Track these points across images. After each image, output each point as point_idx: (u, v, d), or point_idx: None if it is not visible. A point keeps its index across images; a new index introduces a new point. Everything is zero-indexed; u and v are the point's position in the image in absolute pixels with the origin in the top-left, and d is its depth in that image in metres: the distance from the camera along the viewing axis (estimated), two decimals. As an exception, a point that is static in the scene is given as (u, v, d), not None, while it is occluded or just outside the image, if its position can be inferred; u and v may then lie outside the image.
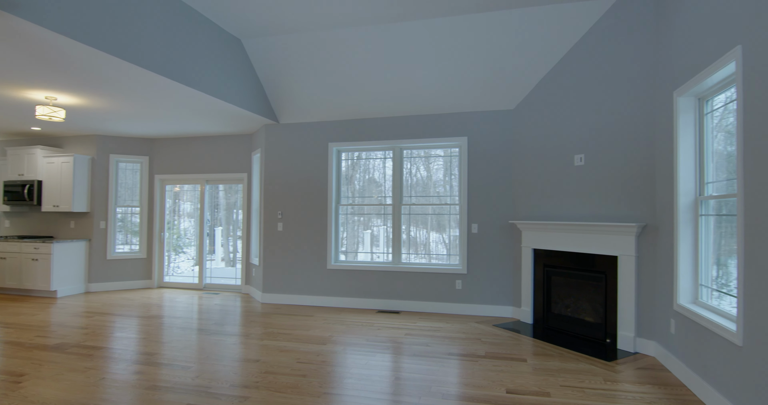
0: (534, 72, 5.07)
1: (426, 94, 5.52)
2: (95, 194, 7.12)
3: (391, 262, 5.91)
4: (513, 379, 3.40)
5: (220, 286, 7.25)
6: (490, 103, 5.51)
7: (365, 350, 4.10)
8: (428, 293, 5.68)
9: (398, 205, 5.92)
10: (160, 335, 4.58)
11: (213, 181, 7.35)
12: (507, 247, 5.43)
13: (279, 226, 6.27)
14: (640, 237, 4.08)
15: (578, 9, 4.48)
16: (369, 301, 5.88)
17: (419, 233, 5.98)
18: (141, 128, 6.69)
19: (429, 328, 4.90)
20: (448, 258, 5.81)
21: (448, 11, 4.61)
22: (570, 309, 4.74)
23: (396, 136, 5.90)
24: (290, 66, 5.49)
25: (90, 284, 7.04)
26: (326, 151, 6.14)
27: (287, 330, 4.80)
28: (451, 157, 5.86)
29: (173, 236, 7.64)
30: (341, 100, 5.81)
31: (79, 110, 5.56)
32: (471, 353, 4.02)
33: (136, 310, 5.72)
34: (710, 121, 3.42)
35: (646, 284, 4.02)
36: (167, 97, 4.88)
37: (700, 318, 3.06)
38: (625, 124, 4.24)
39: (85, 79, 4.34)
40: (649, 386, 3.27)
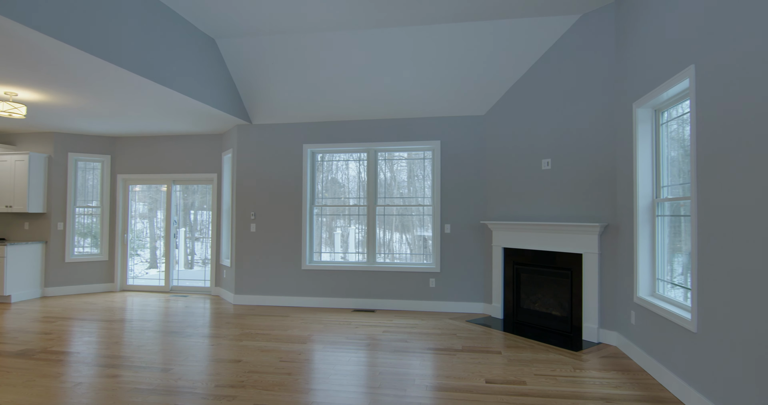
0: (504, 81, 5.34)
1: (401, 98, 5.68)
2: (52, 194, 6.78)
3: (366, 262, 6.01)
4: (490, 370, 3.60)
5: (188, 289, 7.09)
6: (462, 109, 5.73)
7: (346, 348, 4.18)
8: (403, 292, 5.83)
9: (373, 206, 6.03)
10: (132, 339, 4.47)
11: (180, 182, 7.18)
12: (478, 247, 5.67)
13: (252, 227, 6.23)
14: (603, 236, 4.40)
15: (545, 24, 4.76)
16: (344, 300, 5.95)
17: (394, 234, 6.11)
18: (103, 126, 6.45)
19: (405, 325, 5.04)
20: (422, 257, 5.98)
21: (424, 20, 4.78)
22: (538, 304, 5.02)
23: (371, 138, 6.02)
24: (265, 67, 5.49)
25: (47, 288, 6.70)
26: (301, 152, 6.17)
27: (265, 330, 4.80)
28: (424, 160, 6.04)
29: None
30: (316, 102, 5.86)
31: (41, 107, 5.31)
32: (448, 348, 4.19)
33: (102, 314, 5.52)
34: (665, 130, 3.76)
35: (608, 279, 4.34)
36: (139, 95, 4.77)
37: (658, 309, 3.37)
38: (588, 132, 4.56)
39: (53, 76, 4.18)
40: (614, 372, 3.55)
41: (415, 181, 6.09)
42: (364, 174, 6.15)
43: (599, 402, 3.00)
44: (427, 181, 6.00)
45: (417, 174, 6.10)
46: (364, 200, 6.10)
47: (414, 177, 6.11)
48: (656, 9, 3.49)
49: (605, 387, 3.26)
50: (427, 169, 6.01)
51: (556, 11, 4.63)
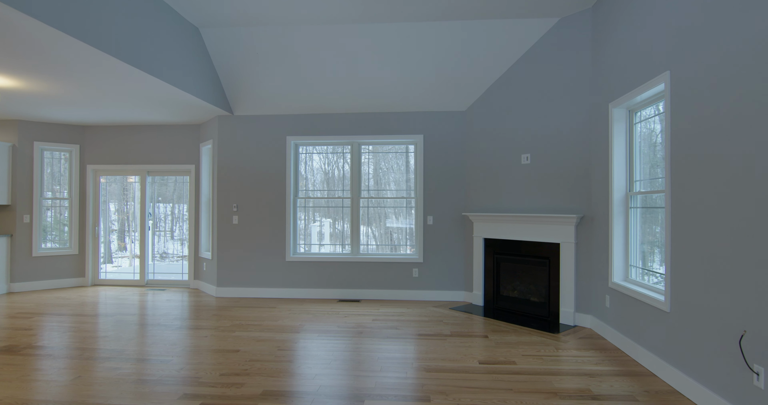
0: (484, 78, 5.56)
1: (385, 92, 5.80)
2: (17, 185, 6.46)
3: (350, 253, 6.14)
4: (481, 352, 3.84)
5: (165, 282, 6.96)
6: (444, 104, 5.93)
7: (340, 336, 4.31)
8: (387, 282, 6.00)
9: (357, 198, 6.15)
10: (119, 332, 4.41)
11: (155, 173, 7.01)
12: (460, 237, 5.91)
13: (234, 219, 6.20)
14: (578, 226, 4.73)
15: (525, 25, 5.01)
16: (329, 291, 6.06)
17: (377, 225, 6.26)
18: (73, 114, 6.19)
19: (392, 313, 5.22)
20: (405, 248, 6.17)
21: (410, 17, 4.91)
22: (517, 291, 5.33)
23: (355, 131, 6.11)
24: (249, 58, 5.46)
25: (13, 284, 6.40)
26: (284, 144, 6.18)
27: (256, 321, 4.85)
28: (407, 154, 6.21)
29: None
30: (301, 95, 5.89)
31: (10, 94, 5.06)
32: (438, 333, 4.40)
33: (79, 309, 5.37)
34: (638, 129, 4.10)
35: (583, 267, 4.68)
36: (121, 83, 4.64)
37: (632, 292, 3.71)
38: (565, 129, 4.86)
39: (31, 61, 4.01)
40: (592, 351, 3.88)
41: (399, 174, 6.25)
42: (347, 166, 6.25)
43: (583, 377, 3.29)
44: (410, 174, 6.18)
45: (400, 167, 6.26)
46: (348, 192, 6.20)
47: (397, 170, 6.27)
48: (632, 17, 3.79)
49: (586, 364, 3.56)
50: (410, 163, 6.18)
51: (536, 14, 4.88)
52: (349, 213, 6.19)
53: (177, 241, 7.31)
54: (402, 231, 6.23)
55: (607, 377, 3.29)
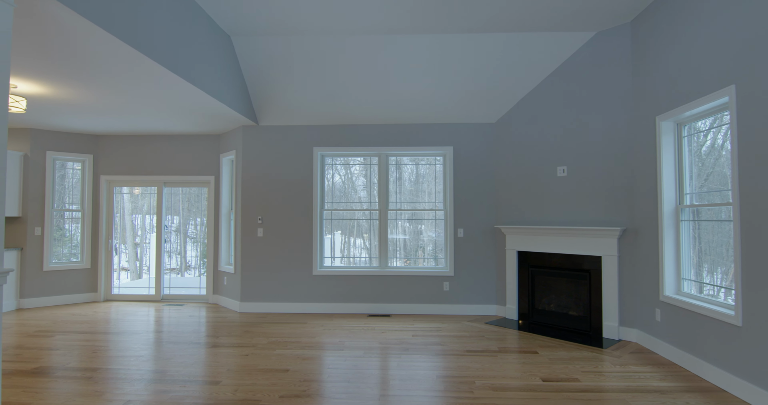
0: (516, 90, 5.56)
1: (414, 103, 5.75)
2: (29, 197, 6.20)
3: (379, 267, 6.01)
4: (539, 369, 3.74)
5: (181, 297, 6.72)
6: (474, 116, 5.90)
7: (387, 353, 4.17)
8: (417, 296, 5.88)
9: (384, 210, 6.05)
10: (154, 351, 4.19)
11: (172, 184, 6.81)
12: (491, 250, 5.84)
13: (259, 231, 6.03)
14: (621, 239, 4.71)
15: (561, 39, 5.04)
16: (358, 305, 5.91)
17: (406, 238, 6.16)
18: (87, 123, 5.98)
19: (429, 328, 5.10)
20: (435, 261, 6.07)
21: (444, 29, 4.89)
22: (553, 305, 5.26)
23: (383, 143, 6.04)
24: (278, 68, 5.37)
25: (22, 300, 6.09)
26: (311, 155, 6.07)
27: (292, 338, 4.67)
28: (435, 166, 6.15)
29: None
30: (328, 105, 5.80)
31: (34, 101, 4.86)
32: (485, 349, 4.30)
33: (101, 326, 5.12)
34: (686, 142, 4.11)
35: (627, 280, 4.64)
36: (153, 86, 4.47)
37: (690, 305, 3.67)
38: (604, 142, 4.86)
39: (63, 63, 3.85)
40: (649, 366, 3.81)
41: (427, 186, 6.18)
42: (375, 178, 6.15)
43: (655, 394, 3.21)
44: (438, 186, 6.11)
45: (429, 179, 6.19)
46: (376, 204, 6.10)
47: (426, 182, 6.20)
48: (680, 33, 3.82)
49: (650, 380, 3.49)
50: (438, 175, 6.12)
51: (573, 28, 4.91)
52: (376, 225, 6.08)
53: (196, 254, 7.08)
54: (431, 244, 6.14)
55: (679, 394, 3.22)
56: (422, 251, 6.17)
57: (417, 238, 6.18)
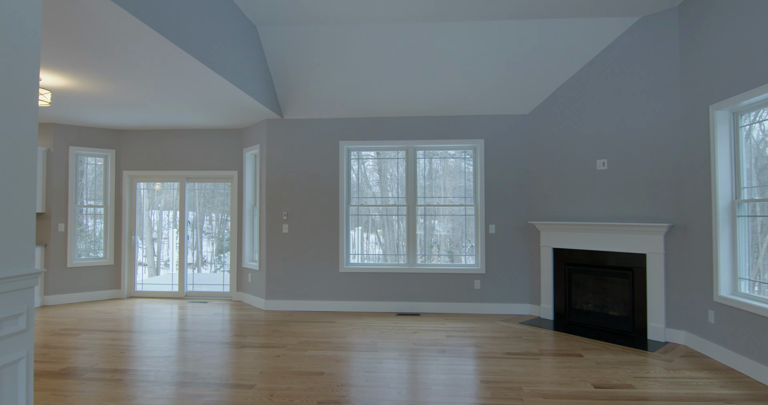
0: (551, 80, 5.31)
1: (444, 95, 5.53)
2: (52, 192, 6.13)
3: (407, 264, 5.83)
4: (587, 374, 3.53)
5: (205, 294, 6.62)
6: (505, 108, 5.66)
7: (423, 355, 3.99)
8: (447, 294, 5.69)
9: (413, 205, 5.85)
10: (183, 352, 4.07)
11: (195, 179, 6.69)
12: (524, 247, 5.62)
13: (284, 227, 5.88)
14: (667, 236, 4.45)
15: (601, 25, 4.77)
16: (386, 304, 5.74)
17: (434, 234, 5.96)
18: (109, 117, 5.87)
19: (462, 328, 4.91)
20: (465, 258, 5.87)
21: (475, 16, 4.66)
22: (591, 304, 5.03)
23: (410, 136, 5.84)
24: (304, 59, 5.19)
25: (47, 297, 6.04)
26: (337, 149, 5.89)
27: (322, 338, 4.52)
28: (464, 159, 5.93)
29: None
30: (355, 97, 5.61)
31: (59, 94, 4.74)
32: (526, 351, 4.10)
33: (126, 324, 5.02)
34: (743, 133, 3.83)
35: (674, 279, 4.39)
36: (180, 77, 4.30)
37: (752, 307, 3.42)
38: (649, 133, 4.60)
39: (91, 53, 3.72)
40: (705, 372, 3.58)
41: (457, 181, 5.96)
42: (403, 172, 5.96)
43: (719, 403, 2.99)
44: (468, 180, 5.89)
45: (458, 173, 5.97)
46: (404, 200, 5.91)
47: (455, 176, 5.98)
48: (738, 14, 3.54)
49: (710, 387, 3.26)
50: (468, 169, 5.90)
51: (614, 13, 4.64)
52: (404, 221, 5.89)
53: (219, 250, 6.98)
54: (461, 240, 5.93)
55: (745, 403, 2.99)
56: (451, 248, 5.97)
57: (445, 234, 5.97)
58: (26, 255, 1.97)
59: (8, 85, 1.86)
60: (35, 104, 2.01)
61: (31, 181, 1.99)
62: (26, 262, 1.97)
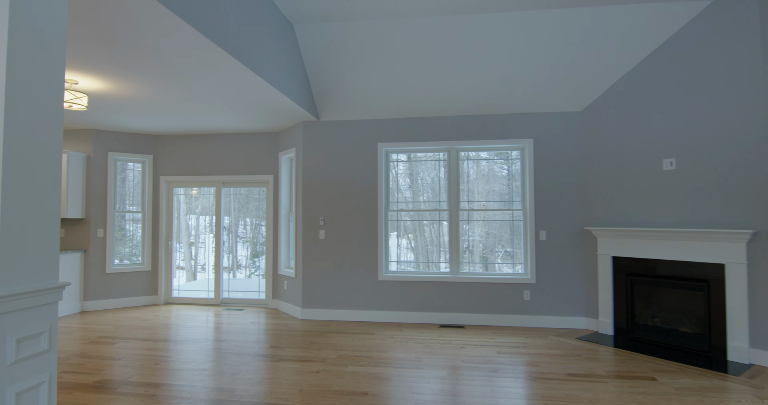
0: (608, 74, 4.88)
1: (489, 92, 5.18)
2: (91, 198, 6.13)
3: (450, 272, 5.48)
4: (667, 402, 3.09)
5: (241, 301, 6.48)
6: (556, 105, 5.26)
7: (474, 375, 3.64)
8: (493, 305, 5.31)
9: (456, 210, 5.51)
10: (218, 364, 3.87)
11: (231, 184, 6.58)
12: (579, 255, 5.18)
13: (321, 233, 5.66)
14: (750, 244, 3.94)
15: (665, 9, 4.31)
16: (427, 314, 5.41)
17: (478, 240, 5.60)
18: (146, 122, 5.82)
19: (513, 344, 4.52)
20: (513, 267, 5.48)
21: (523, 5, 4.29)
22: (658, 319, 4.55)
23: (453, 136, 5.51)
24: (341, 57, 4.96)
25: (86, 302, 6.04)
26: (375, 151, 5.63)
27: (362, 351, 4.24)
28: (511, 160, 5.55)
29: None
30: (394, 97, 5.33)
31: (94, 98, 4.69)
32: (590, 372, 3.68)
33: (162, 333, 4.90)
34: None
35: (760, 293, 3.88)
36: (217, 78, 4.15)
37: None
38: (728, 128, 4.10)
39: (124, 56, 3.59)
40: (809, 404, 3.08)
41: (503, 184, 5.59)
42: (437, 176, 5.63)
43: (838, 445, 2.51)
44: (515, 183, 5.51)
45: (505, 176, 5.60)
46: (446, 204, 5.57)
47: (502, 179, 5.61)
48: None
49: (821, 424, 2.78)
50: (516, 171, 5.52)
51: (683, -4, 4.19)
52: (447, 227, 5.55)
53: (241, 254, 6.85)
54: (508, 247, 5.54)
55: None
56: (498, 256, 5.59)
57: (490, 240, 5.60)
58: (50, 267, 1.78)
59: (32, 86, 1.68)
60: (60, 110, 1.82)
61: (56, 187, 1.80)
62: (50, 275, 1.78)
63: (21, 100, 1.64)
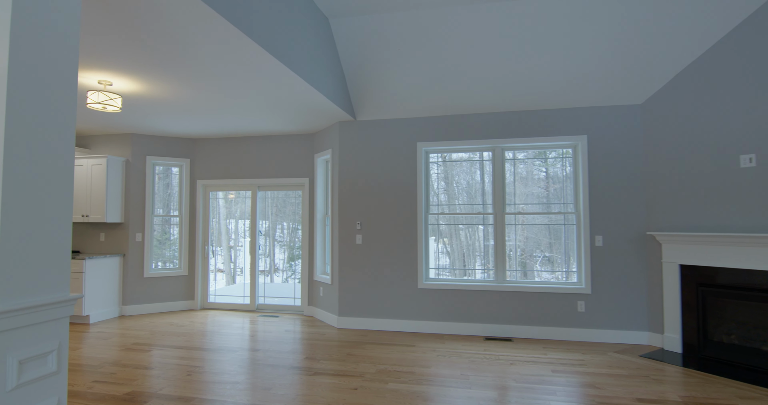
0: (672, 62, 4.39)
1: (539, 85, 4.79)
2: (130, 202, 6.15)
3: (495, 280, 5.11)
4: (762, 438, 2.63)
5: (276, 308, 6.33)
6: (613, 97, 4.81)
7: (529, 397, 3.27)
8: (543, 317, 4.90)
9: (501, 213, 5.14)
10: (251, 377, 3.68)
11: (267, 187, 6.46)
12: (640, 263, 4.70)
13: (357, 238, 5.42)
14: None
15: (745, -15, 3.81)
16: (471, 326, 5.06)
17: (526, 246, 5.20)
18: (183, 126, 5.78)
19: (569, 361, 4.11)
20: (566, 275, 5.05)
21: None
22: (735, 336, 4.02)
23: (497, 134, 5.15)
24: (379, 52, 4.70)
25: (125, 307, 6.04)
26: (414, 152, 5.34)
27: (403, 366, 3.95)
28: (563, 159, 5.13)
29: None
30: (434, 93, 5.03)
31: (129, 100, 4.65)
32: (662, 398, 3.24)
33: (197, 340, 4.78)
34: None
35: None
36: (252, 75, 3.96)
37: None
38: (821, 118, 3.56)
39: (159, 53, 3.47)
40: None
41: (552, 185, 5.17)
42: (481, 177, 5.27)
43: None
44: (567, 183, 5.08)
45: (555, 176, 5.18)
46: (491, 207, 5.21)
47: (550, 180, 5.19)
48: None
49: None
50: (567, 170, 5.09)
51: (766, -30, 3.68)
52: (491, 231, 5.19)
53: (278, 258, 6.70)
54: (559, 253, 5.12)
55: None
56: (548, 263, 5.17)
57: (530, 245, 5.19)
58: (59, 278, 1.59)
59: (40, 75, 1.50)
60: (72, 101, 1.64)
61: (67, 189, 1.62)
62: (59, 287, 1.59)
63: (26, 89, 1.46)
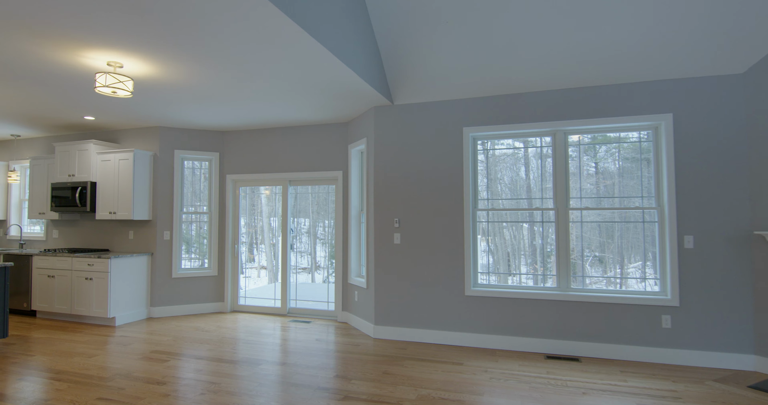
0: (790, 16, 3.46)
1: (609, 55, 3.98)
2: (158, 198, 5.85)
3: (557, 288, 4.36)
4: None
5: (308, 312, 5.85)
6: (705, 67, 3.92)
7: (611, 443, 2.56)
8: (618, 332, 4.11)
9: (564, 209, 4.38)
10: (272, 399, 3.17)
11: (298, 182, 5.98)
12: (743, 270, 3.81)
13: (396, 237, 4.81)
14: None
15: None
16: (529, 340, 4.34)
17: (593, 248, 4.41)
18: (210, 116, 5.38)
19: (658, 392, 3.32)
20: (646, 283, 4.22)
21: None
22: None
23: (558, 115, 4.38)
24: (418, 26, 4.05)
25: (153, 308, 5.76)
26: (460, 138, 4.66)
27: (448, 391, 3.31)
28: (640, 143, 4.29)
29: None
30: (483, 69, 4.32)
31: (145, 85, 4.26)
32: (799, 455, 2.42)
33: (219, 349, 4.35)
34: None
35: None
36: (276, 51, 3.42)
37: None
38: None
39: (169, 27, 3.00)
40: None
41: (628, 175, 4.34)
42: (549, 166, 4.52)
43: None
44: (645, 172, 4.24)
45: (627, 163, 4.35)
46: (551, 202, 4.46)
47: (625, 168, 4.37)
48: None
49: None
50: (645, 157, 4.25)
51: None
52: (552, 230, 4.43)
53: (319, 255, 6.20)
54: (636, 256, 4.29)
55: None
56: (624, 269, 4.35)
57: (609, 248, 4.38)
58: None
59: None
60: None
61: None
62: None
63: None
